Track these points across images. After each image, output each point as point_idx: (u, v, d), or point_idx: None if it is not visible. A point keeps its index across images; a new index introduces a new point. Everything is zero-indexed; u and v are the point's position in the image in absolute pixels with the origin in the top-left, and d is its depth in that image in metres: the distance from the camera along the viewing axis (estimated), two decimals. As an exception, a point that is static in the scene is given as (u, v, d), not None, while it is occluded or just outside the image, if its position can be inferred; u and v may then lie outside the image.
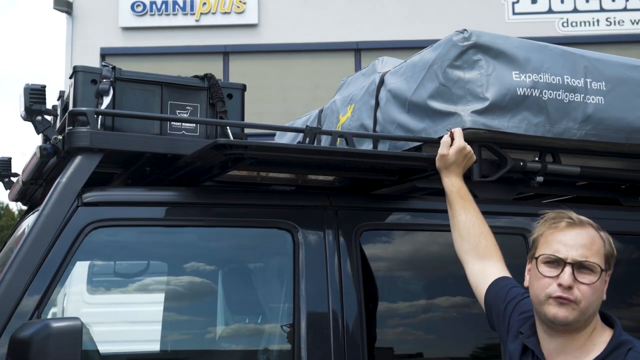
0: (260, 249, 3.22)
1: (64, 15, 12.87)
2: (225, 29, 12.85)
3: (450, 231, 2.62)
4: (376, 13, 12.77)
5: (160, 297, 3.87)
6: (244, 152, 2.58)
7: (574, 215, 2.11)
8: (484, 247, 2.49)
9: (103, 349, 3.10)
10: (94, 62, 11.36)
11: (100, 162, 2.69)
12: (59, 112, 3.21)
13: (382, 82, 3.36)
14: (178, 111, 3.03)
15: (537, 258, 2.09)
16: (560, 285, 2.00)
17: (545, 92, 2.95)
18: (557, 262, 2.03)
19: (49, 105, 2.92)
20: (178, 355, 3.53)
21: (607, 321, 2.11)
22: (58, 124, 3.12)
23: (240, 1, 12.81)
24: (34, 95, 2.79)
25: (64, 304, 5.73)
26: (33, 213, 2.90)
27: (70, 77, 2.96)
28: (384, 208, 3.11)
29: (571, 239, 2.04)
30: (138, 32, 12.85)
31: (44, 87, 2.85)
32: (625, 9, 12.85)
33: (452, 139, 2.72)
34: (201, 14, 12.81)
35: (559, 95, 2.98)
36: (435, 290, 3.26)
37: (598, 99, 3.07)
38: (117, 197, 2.77)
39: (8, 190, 3.80)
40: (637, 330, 2.99)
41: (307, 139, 2.82)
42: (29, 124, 2.89)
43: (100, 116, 2.77)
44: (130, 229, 2.88)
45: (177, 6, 12.82)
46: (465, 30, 2.93)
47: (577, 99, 3.02)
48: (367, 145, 3.35)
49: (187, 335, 3.58)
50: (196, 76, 3.15)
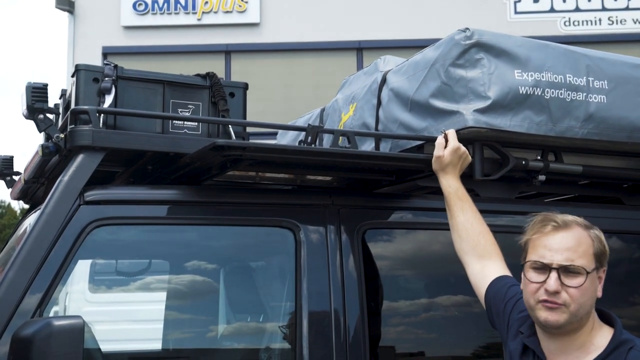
0: (262, 248, 3.21)
1: (66, 14, 12.88)
2: (227, 28, 12.86)
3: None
4: (378, 12, 12.77)
5: (162, 295, 3.86)
6: (242, 154, 2.59)
7: (559, 217, 2.10)
8: (483, 247, 2.49)
9: (105, 347, 3.09)
10: (96, 61, 11.35)
11: (102, 160, 2.69)
12: (61, 110, 3.21)
13: (384, 80, 3.35)
14: (180, 110, 3.03)
15: (525, 264, 2.10)
16: (547, 290, 2.00)
17: (547, 91, 2.95)
18: (543, 268, 2.03)
19: (50, 104, 2.92)
20: (180, 354, 3.53)
21: (608, 320, 2.10)
22: (60, 123, 3.12)
23: (242, 0, 12.81)
24: (36, 94, 2.79)
25: (66, 303, 5.72)
26: (35, 211, 2.90)
27: (72, 76, 2.96)
28: (386, 207, 3.11)
29: (556, 243, 2.04)
30: (140, 31, 12.86)
31: (46, 85, 2.84)
32: (627, 8, 12.83)
33: (447, 141, 2.72)
34: (203, 12, 12.82)
35: (561, 94, 2.98)
36: (437, 289, 3.26)
37: (600, 97, 3.07)
38: (119, 196, 2.77)
39: (10, 189, 3.79)
40: (638, 329, 2.98)
41: (309, 138, 2.82)
42: (30, 124, 2.88)
43: (102, 114, 2.77)
44: (132, 227, 2.87)
45: (179, 5, 12.83)
46: (467, 29, 2.93)
47: (579, 97, 3.02)
48: (369, 144, 3.35)
49: (189, 334, 3.58)
50: (198, 75, 3.15)
